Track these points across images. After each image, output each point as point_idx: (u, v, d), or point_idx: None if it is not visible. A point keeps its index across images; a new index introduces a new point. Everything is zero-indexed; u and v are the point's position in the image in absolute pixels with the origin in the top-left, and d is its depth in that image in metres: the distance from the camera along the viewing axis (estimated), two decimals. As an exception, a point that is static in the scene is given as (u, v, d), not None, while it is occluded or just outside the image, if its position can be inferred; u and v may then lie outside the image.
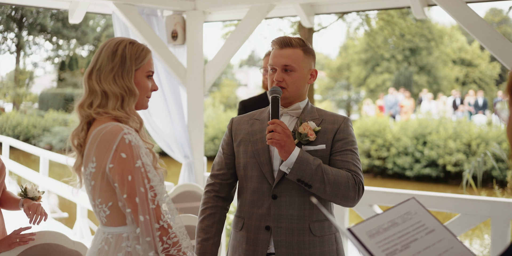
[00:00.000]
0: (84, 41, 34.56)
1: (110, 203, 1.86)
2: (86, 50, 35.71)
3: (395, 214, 1.49)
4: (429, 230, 1.46)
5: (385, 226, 1.44)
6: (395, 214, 1.49)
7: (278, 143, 2.11)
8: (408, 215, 1.49)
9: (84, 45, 35.33)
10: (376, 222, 1.45)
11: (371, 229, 1.42)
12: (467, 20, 3.72)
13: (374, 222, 1.45)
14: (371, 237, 1.40)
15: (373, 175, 15.84)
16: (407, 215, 1.49)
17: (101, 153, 1.82)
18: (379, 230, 1.42)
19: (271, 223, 2.22)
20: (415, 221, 1.48)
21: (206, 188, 2.41)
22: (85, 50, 35.74)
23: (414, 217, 1.49)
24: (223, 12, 5.25)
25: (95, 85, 1.90)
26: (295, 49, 2.28)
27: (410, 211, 1.50)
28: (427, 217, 1.50)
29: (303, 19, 4.95)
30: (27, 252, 2.52)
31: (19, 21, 32.59)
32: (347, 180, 2.15)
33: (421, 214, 1.50)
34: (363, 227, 1.43)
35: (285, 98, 2.30)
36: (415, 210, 1.51)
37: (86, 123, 1.93)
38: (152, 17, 4.98)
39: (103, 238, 1.90)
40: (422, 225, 1.47)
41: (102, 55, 1.93)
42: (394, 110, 19.12)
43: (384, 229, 1.43)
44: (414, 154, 14.83)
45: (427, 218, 1.50)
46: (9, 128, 25.02)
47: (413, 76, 26.51)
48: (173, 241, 1.84)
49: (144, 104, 2.01)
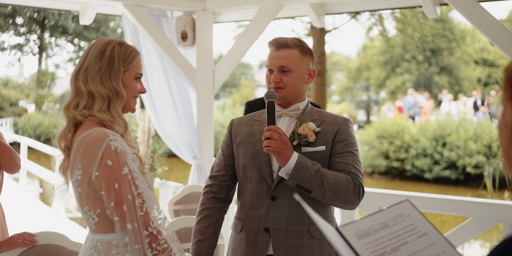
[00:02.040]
0: (105, 43, 34.81)
1: (98, 210, 1.83)
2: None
3: (387, 216, 1.43)
4: (421, 234, 1.41)
5: (375, 228, 1.39)
6: (387, 215, 1.44)
7: (275, 151, 2.08)
8: (400, 217, 1.44)
9: (105, 47, 35.59)
10: (367, 223, 1.40)
11: (360, 230, 1.38)
12: (479, 19, 3.63)
13: (364, 223, 1.40)
14: (360, 238, 1.36)
15: (391, 177, 15.67)
16: (399, 217, 1.43)
17: (86, 160, 1.78)
18: (369, 231, 1.38)
19: (270, 225, 2.19)
20: (407, 223, 1.43)
21: (205, 189, 2.40)
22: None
23: (406, 220, 1.43)
24: (232, 13, 5.23)
25: (82, 86, 1.86)
26: (292, 50, 2.25)
27: (403, 213, 1.45)
28: (420, 220, 1.45)
29: (313, 19, 4.90)
30: (27, 252, 2.52)
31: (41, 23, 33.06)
32: (346, 183, 2.12)
33: (414, 217, 1.45)
34: (353, 227, 1.38)
35: (283, 98, 2.27)
36: (408, 213, 1.45)
37: (73, 125, 1.90)
38: (162, 18, 4.98)
39: (92, 245, 1.87)
40: (414, 228, 1.42)
41: (90, 55, 1.89)
42: (414, 111, 18.89)
43: (374, 230, 1.38)
44: (433, 155, 14.62)
45: (420, 221, 1.44)
46: (31, 129, 25.41)
47: (434, 77, 26.18)
48: (162, 247, 1.81)
49: (132, 106, 1.96)
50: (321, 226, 1.34)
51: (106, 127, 1.86)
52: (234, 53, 4.85)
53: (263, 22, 4.62)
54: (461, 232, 3.87)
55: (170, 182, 5.37)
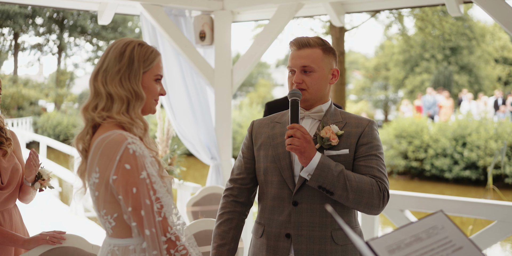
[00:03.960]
0: (123, 43, 35.07)
1: (115, 215, 1.79)
2: (125, 51, 36.23)
3: (420, 228, 1.35)
4: (456, 247, 1.32)
5: (407, 241, 1.31)
6: (419, 228, 1.35)
7: (298, 149, 2.02)
8: (434, 229, 1.36)
9: (123, 46, 35.85)
10: (398, 236, 1.32)
11: (392, 243, 1.30)
12: (505, 17, 3.53)
13: (395, 236, 1.32)
14: (391, 252, 1.28)
15: (410, 177, 15.49)
16: (433, 230, 1.35)
17: (104, 164, 1.74)
18: (400, 245, 1.30)
19: (292, 231, 2.13)
20: (441, 236, 1.34)
21: (225, 193, 2.35)
22: (124, 51, 36.26)
23: (440, 232, 1.35)
24: (251, 12, 5.18)
25: (101, 87, 1.82)
26: (314, 49, 2.19)
27: (437, 226, 1.37)
28: (455, 233, 1.36)
29: (333, 18, 4.83)
30: (45, 254, 2.51)
31: (60, 23, 33.39)
32: (371, 187, 2.05)
33: (448, 229, 1.36)
34: (383, 241, 1.30)
35: (306, 101, 2.21)
36: (442, 225, 1.37)
37: (92, 126, 1.85)
38: (180, 17, 4.95)
39: (109, 250, 1.83)
40: (449, 241, 1.34)
41: (109, 56, 1.84)
42: (433, 111, 18.66)
43: (406, 244, 1.30)
44: (453, 155, 14.42)
45: (455, 234, 1.36)
46: (50, 128, 25.67)
47: (453, 76, 25.85)
48: (181, 253, 1.76)
49: (152, 108, 1.91)
50: (357, 241, 1.27)
51: (125, 129, 1.82)
52: (252, 53, 4.80)
53: (282, 21, 4.56)
54: (485, 236, 3.77)
55: (188, 183, 5.34)
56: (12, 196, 2.61)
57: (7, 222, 2.58)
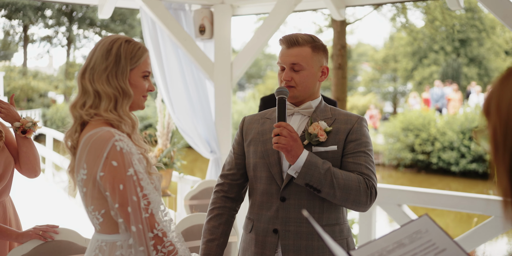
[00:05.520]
0: (131, 35, 35.17)
1: (102, 211, 1.80)
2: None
3: (403, 234, 1.35)
4: (440, 250, 1.31)
5: (390, 248, 1.31)
6: (403, 233, 1.35)
7: (284, 148, 2.02)
8: (417, 234, 1.35)
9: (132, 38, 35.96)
10: (381, 244, 1.33)
11: (373, 252, 1.30)
12: (503, 11, 3.50)
13: (378, 244, 1.32)
14: None
15: (417, 170, 15.46)
16: (416, 234, 1.35)
17: (91, 160, 1.75)
18: (383, 252, 1.30)
19: (279, 226, 2.14)
20: (424, 240, 1.33)
21: (215, 188, 2.36)
22: (133, 43, 36.34)
23: (424, 236, 1.34)
24: (251, 6, 5.16)
25: (88, 85, 1.82)
26: (303, 47, 2.19)
27: (421, 230, 1.36)
28: (439, 235, 1.35)
29: (333, 12, 4.79)
30: (39, 248, 2.53)
31: (69, 15, 33.50)
32: (358, 184, 2.05)
33: (432, 232, 1.36)
34: (365, 250, 1.31)
35: (295, 97, 2.21)
36: (426, 228, 1.36)
37: (80, 124, 1.86)
38: (180, 11, 4.95)
39: (97, 246, 1.85)
40: (432, 244, 1.32)
41: (96, 53, 1.84)
42: (441, 104, 18.54)
43: (388, 251, 1.30)
44: (460, 148, 14.36)
45: (439, 236, 1.35)
46: (59, 120, 25.86)
47: (462, 68, 25.64)
48: (168, 249, 1.77)
49: (140, 104, 1.91)
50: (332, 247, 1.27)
51: (113, 126, 1.83)
52: (252, 47, 4.79)
53: (281, 15, 4.54)
54: (482, 231, 3.77)
55: (188, 176, 5.36)
56: (5, 189, 2.64)
57: (1, 216, 2.61)
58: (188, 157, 14.53)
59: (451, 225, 10.73)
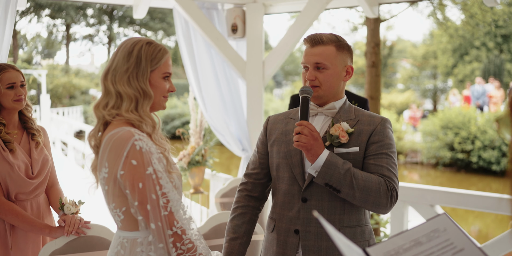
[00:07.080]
0: (170, 32, 35.64)
1: (123, 208, 1.86)
2: (172, 41, 36.84)
3: (421, 232, 1.34)
4: (457, 250, 1.30)
5: (406, 246, 1.30)
6: (421, 232, 1.34)
7: (305, 146, 2.03)
8: (435, 232, 1.34)
9: (171, 36, 36.46)
10: (397, 241, 1.32)
11: (390, 250, 1.29)
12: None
13: (395, 242, 1.32)
14: None
15: (457, 169, 15.14)
16: (434, 233, 1.34)
17: (112, 159, 1.81)
18: (399, 250, 1.29)
19: (300, 227, 2.15)
20: (442, 239, 1.33)
21: (239, 187, 2.38)
22: (172, 41, 36.88)
23: (441, 235, 1.33)
24: (283, 4, 5.16)
25: (110, 86, 1.88)
26: (327, 46, 2.18)
27: (439, 228, 1.35)
28: (457, 235, 1.34)
29: (366, 9, 4.74)
30: (71, 243, 2.62)
31: (110, 14, 34.17)
32: (378, 186, 2.04)
33: (450, 232, 1.34)
34: (382, 247, 1.30)
35: (319, 97, 2.20)
36: (444, 227, 1.35)
37: (103, 124, 1.92)
38: (213, 10, 5.00)
39: (119, 242, 1.91)
40: (450, 243, 1.32)
41: (118, 56, 1.89)
42: (482, 101, 18.07)
43: (404, 249, 1.29)
44: (501, 147, 13.98)
45: (457, 236, 1.34)
46: (99, 117, 26.40)
47: (505, 65, 24.88)
48: (187, 247, 1.81)
49: (161, 104, 1.96)
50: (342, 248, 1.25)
51: (134, 126, 1.88)
52: (284, 45, 4.79)
53: (313, 13, 4.53)
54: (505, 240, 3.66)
55: (221, 174, 5.41)
56: (40, 186, 2.74)
57: (35, 211, 2.71)
58: (224, 154, 14.59)
59: (492, 226, 10.48)
